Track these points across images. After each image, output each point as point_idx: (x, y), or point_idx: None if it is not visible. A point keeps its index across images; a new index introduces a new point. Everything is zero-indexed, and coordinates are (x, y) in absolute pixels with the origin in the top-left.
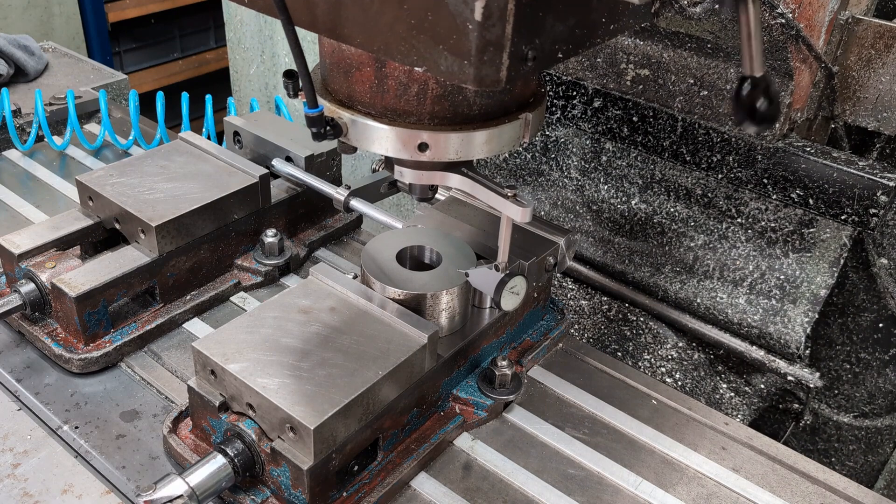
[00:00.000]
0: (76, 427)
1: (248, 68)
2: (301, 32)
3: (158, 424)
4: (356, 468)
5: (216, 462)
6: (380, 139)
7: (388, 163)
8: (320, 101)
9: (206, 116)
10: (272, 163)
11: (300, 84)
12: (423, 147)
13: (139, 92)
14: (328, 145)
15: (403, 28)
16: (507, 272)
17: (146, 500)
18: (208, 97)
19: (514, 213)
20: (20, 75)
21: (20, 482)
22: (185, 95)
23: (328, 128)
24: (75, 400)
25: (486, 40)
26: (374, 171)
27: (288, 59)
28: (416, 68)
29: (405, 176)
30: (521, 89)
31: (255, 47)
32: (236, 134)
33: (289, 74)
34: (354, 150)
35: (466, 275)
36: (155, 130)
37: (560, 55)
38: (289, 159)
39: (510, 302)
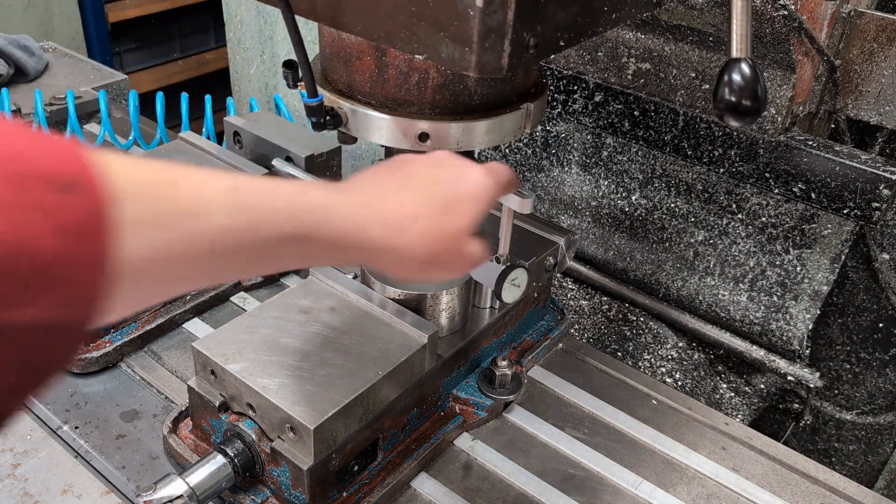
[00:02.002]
0: (76, 427)
1: (248, 68)
2: (302, 29)
3: (158, 424)
4: (356, 468)
5: (216, 462)
6: (380, 129)
7: (389, 155)
8: (320, 90)
9: (206, 116)
10: (272, 163)
11: (300, 74)
12: (423, 137)
13: (139, 92)
14: (328, 145)
15: (404, 15)
16: (508, 264)
17: (146, 500)
18: (208, 97)
19: (514, 203)
20: (20, 75)
21: (20, 482)
22: (184, 96)
23: (328, 118)
24: (75, 400)
25: (487, 27)
26: None
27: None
28: (417, 56)
29: None
30: (523, 79)
31: (255, 47)
32: (236, 134)
33: (288, 64)
34: (354, 140)
35: None
36: (155, 131)
37: (562, 43)
38: (289, 159)
39: (511, 294)
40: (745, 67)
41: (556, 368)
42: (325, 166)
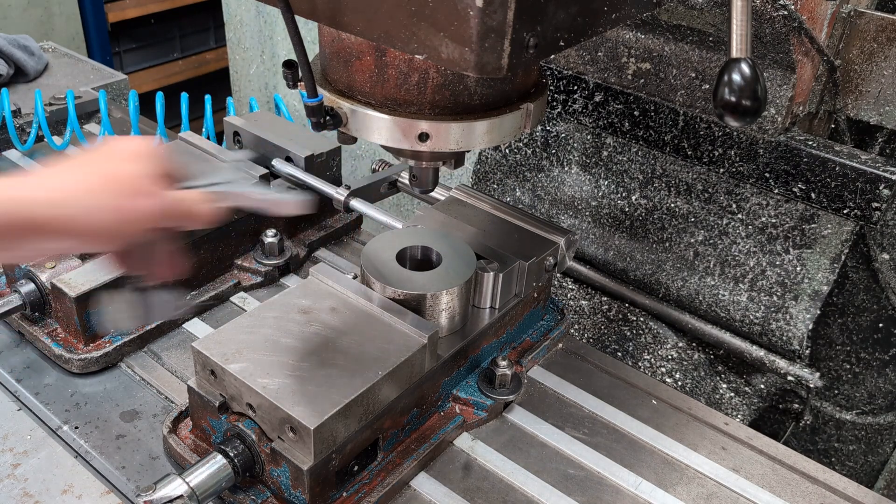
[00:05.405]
0: (76, 427)
1: (248, 68)
2: (302, 29)
3: (158, 424)
4: (356, 468)
5: (216, 462)
6: (380, 129)
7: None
8: (320, 90)
9: (206, 116)
10: (272, 163)
11: (300, 74)
12: (423, 137)
13: (139, 92)
14: (328, 145)
15: (404, 15)
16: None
17: (146, 500)
18: (207, 97)
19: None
20: (20, 75)
21: (20, 482)
22: (184, 96)
23: (328, 118)
24: (75, 400)
25: (487, 27)
26: (373, 171)
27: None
28: (417, 56)
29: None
30: (523, 79)
31: (255, 47)
32: (236, 134)
33: (288, 64)
34: (354, 140)
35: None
36: (154, 130)
37: (562, 43)
38: (289, 159)
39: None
40: (745, 67)
41: (556, 368)
42: (325, 166)
